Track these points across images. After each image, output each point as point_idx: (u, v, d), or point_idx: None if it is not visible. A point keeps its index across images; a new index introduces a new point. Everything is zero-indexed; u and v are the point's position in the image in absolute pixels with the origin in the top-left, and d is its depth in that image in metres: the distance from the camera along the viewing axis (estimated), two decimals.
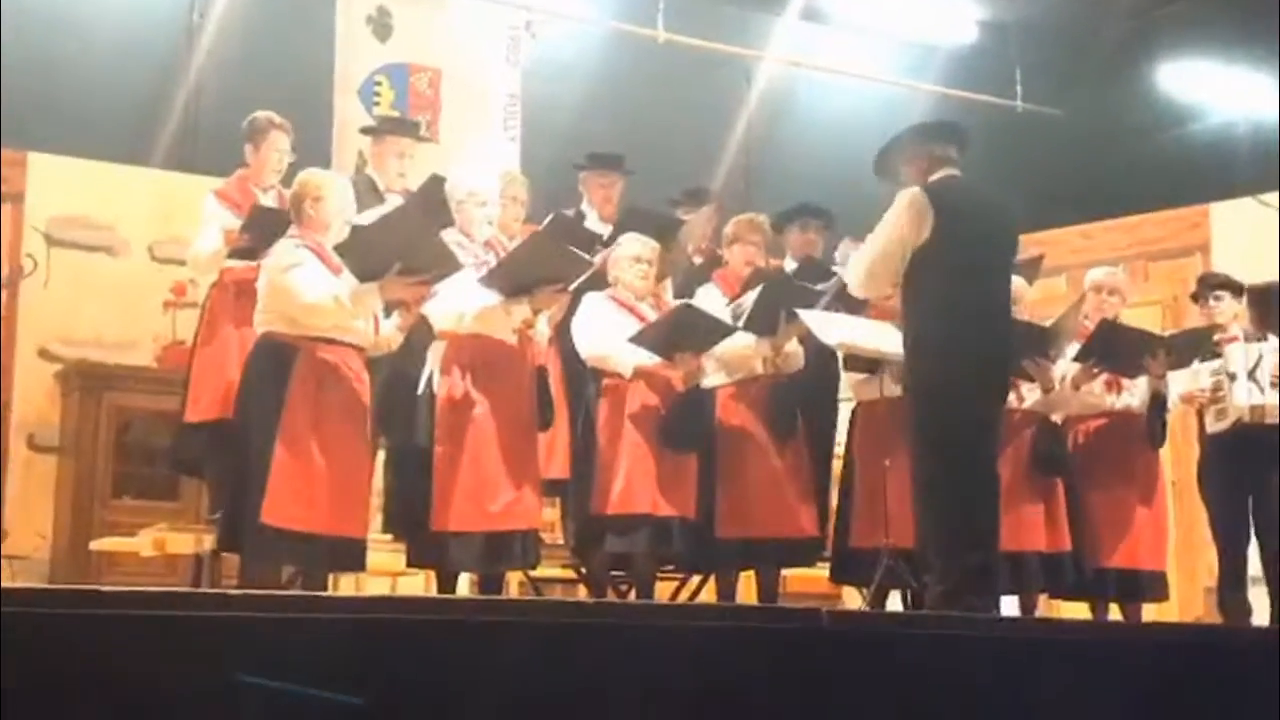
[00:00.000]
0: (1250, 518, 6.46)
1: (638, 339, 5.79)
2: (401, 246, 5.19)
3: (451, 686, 3.37)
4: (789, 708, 3.72)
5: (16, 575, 7.34)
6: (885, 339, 5.60)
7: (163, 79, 8.64)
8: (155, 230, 8.36)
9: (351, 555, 5.29)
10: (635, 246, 6.02)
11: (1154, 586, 6.39)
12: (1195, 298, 6.90)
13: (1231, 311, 6.67)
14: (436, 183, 5.97)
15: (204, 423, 5.89)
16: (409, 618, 3.48)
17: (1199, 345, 6.55)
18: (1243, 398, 6.47)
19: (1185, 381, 6.55)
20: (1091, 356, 6.22)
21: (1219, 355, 6.55)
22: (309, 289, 5.16)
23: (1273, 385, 6.43)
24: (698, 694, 3.62)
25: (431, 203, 5.85)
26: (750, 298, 6.01)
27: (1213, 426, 6.61)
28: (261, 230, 5.65)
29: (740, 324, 5.95)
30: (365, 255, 5.18)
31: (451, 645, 3.42)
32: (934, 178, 5.28)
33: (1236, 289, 6.71)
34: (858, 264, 5.44)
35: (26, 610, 3.02)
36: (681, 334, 5.84)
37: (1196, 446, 6.81)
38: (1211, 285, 6.81)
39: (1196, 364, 6.54)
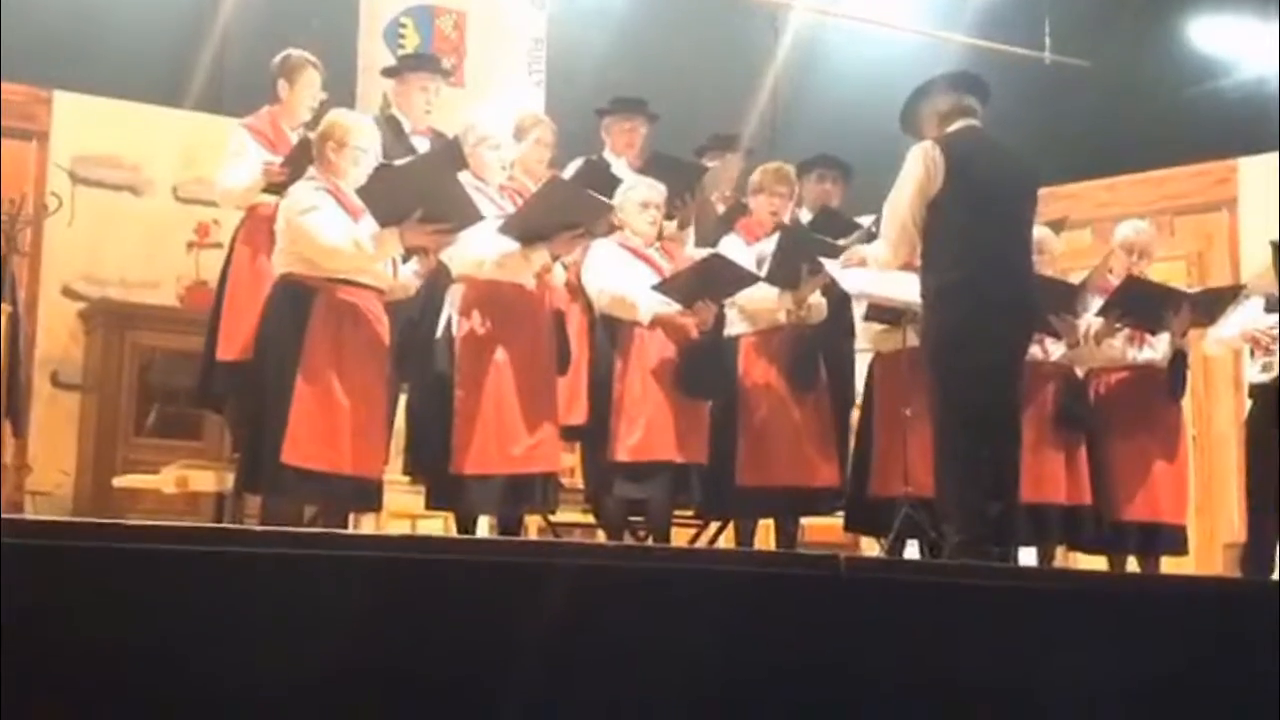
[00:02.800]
0: None
1: (662, 288, 5.78)
2: (424, 193, 5.17)
3: (472, 627, 3.39)
4: (805, 654, 3.73)
5: (40, 511, 7.38)
6: (908, 288, 5.58)
7: (189, 19, 8.59)
8: (180, 170, 8.36)
9: (369, 496, 5.31)
10: (642, 191, 5.99)
11: (1172, 540, 6.38)
12: None
13: None
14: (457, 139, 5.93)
15: (239, 361, 5.67)
16: (431, 557, 3.50)
17: (1223, 301, 6.51)
18: None
19: (1248, 318, 6.49)
20: (1115, 310, 6.19)
21: None
22: (327, 232, 5.15)
23: None
24: (715, 639, 3.63)
25: (453, 151, 5.81)
26: (769, 244, 5.99)
27: (1256, 376, 6.57)
28: (302, 165, 5.54)
29: (763, 272, 5.94)
30: (387, 200, 5.17)
31: (473, 586, 3.44)
32: (951, 128, 5.27)
33: None
34: (883, 241, 5.42)
35: (49, 543, 3.04)
36: (706, 283, 5.84)
37: (1219, 401, 6.76)
38: None
39: (1262, 310, 6.46)
